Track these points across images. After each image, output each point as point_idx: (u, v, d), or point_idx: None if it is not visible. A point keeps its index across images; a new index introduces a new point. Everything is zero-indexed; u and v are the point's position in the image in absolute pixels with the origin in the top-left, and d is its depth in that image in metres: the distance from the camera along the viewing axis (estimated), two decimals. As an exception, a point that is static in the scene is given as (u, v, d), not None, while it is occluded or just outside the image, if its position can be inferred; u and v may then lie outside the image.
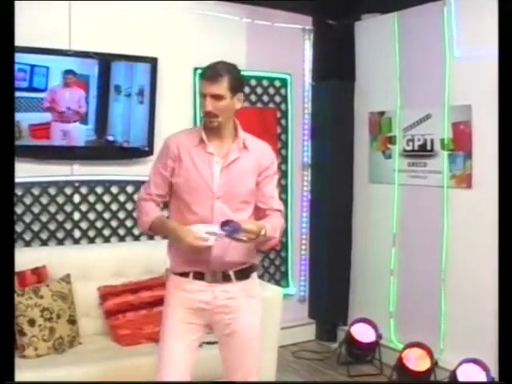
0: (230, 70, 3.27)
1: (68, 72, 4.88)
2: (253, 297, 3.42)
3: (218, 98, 3.18)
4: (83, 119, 5.02)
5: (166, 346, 3.34)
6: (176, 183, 3.35)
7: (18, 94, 4.66)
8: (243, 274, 3.37)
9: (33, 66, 4.73)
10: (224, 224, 3.07)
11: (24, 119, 4.77)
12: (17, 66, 4.63)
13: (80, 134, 5.04)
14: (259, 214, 3.40)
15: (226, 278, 3.32)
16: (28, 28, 4.71)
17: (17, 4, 4.56)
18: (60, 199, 5.09)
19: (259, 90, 6.05)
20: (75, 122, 4.98)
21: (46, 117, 4.88)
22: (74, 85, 4.93)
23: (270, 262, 6.22)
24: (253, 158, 3.36)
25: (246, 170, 3.33)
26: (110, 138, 5.14)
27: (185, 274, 3.34)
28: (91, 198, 5.24)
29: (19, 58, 4.62)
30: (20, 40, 4.60)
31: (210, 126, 3.27)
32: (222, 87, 3.19)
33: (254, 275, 3.48)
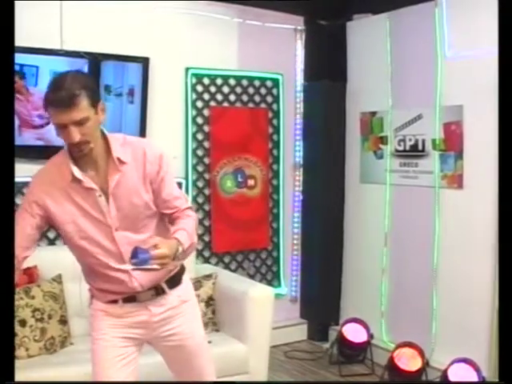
0: (82, 81, 2.72)
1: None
2: (188, 300, 3.22)
3: (82, 122, 2.66)
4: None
5: (100, 376, 3.03)
6: (64, 232, 2.93)
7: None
8: (175, 280, 3.15)
9: (22, 66, 4.72)
10: (132, 256, 2.67)
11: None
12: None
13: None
14: (168, 219, 3.08)
15: (159, 291, 3.08)
16: (18, 28, 4.69)
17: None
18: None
19: (251, 90, 6.05)
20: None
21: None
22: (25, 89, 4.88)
23: (261, 262, 6.23)
24: (135, 169, 2.92)
25: (133, 186, 2.91)
26: (101, 139, 5.14)
27: (113, 301, 3.04)
28: None
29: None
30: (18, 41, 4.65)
31: (81, 156, 2.79)
32: (83, 108, 2.67)
33: (186, 278, 3.26)
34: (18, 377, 3.75)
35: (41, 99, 2.79)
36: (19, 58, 4.67)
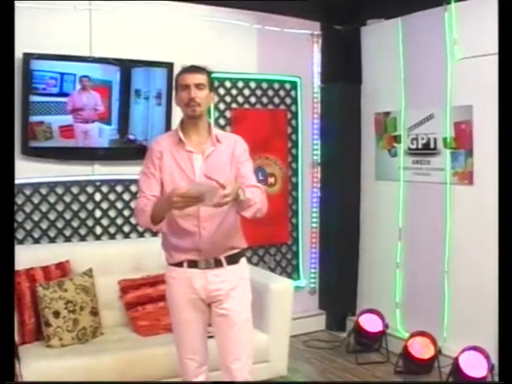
0: (208, 70, 3.54)
1: (83, 76, 5.09)
2: (244, 279, 3.59)
3: (200, 87, 3.39)
4: (104, 119, 5.24)
5: (181, 334, 3.57)
6: (163, 179, 3.48)
7: (49, 99, 4.98)
8: (233, 258, 3.55)
9: (62, 74, 4.98)
10: None
11: (55, 121, 5.02)
12: (48, 74, 4.92)
13: (105, 133, 5.26)
14: None
15: (217, 264, 3.49)
16: (49, 36, 4.97)
17: (38, 14, 4.84)
18: (82, 198, 5.26)
19: (270, 93, 6.15)
20: (93, 122, 5.20)
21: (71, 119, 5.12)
22: (89, 88, 5.14)
23: (281, 256, 6.32)
24: (226, 149, 3.52)
25: (223, 161, 3.49)
26: (131, 137, 5.35)
27: (179, 264, 3.51)
28: (111, 197, 5.40)
29: (50, 66, 4.94)
30: (44, 48, 4.87)
31: (192, 115, 3.43)
32: (204, 78, 3.43)
33: (243, 260, 3.65)
34: (53, 365, 4.02)
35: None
36: (57, 66, 4.97)
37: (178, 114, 5.45)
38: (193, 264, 3.49)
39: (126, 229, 5.49)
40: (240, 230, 3.66)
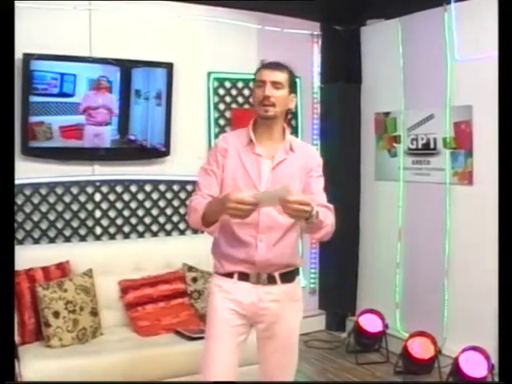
0: (290, 69, 3.22)
1: (102, 77, 5.14)
2: (296, 300, 3.30)
3: (277, 86, 3.11)
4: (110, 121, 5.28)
5: (212, 347, 3.18)
6: (224, 180, 3.20)
7: (49, 99, 4.98)
8: (288, 276, 3.23)
9: (62, 74, 4.99)
10: None
11: (55, 122, 5.03)
12: (48, 75, 4.93)
13: (106, 134, 5.28)
14: None
15: (270, 280, 3.17)
16: (50, 37, 4.99)
17: (38, 14, 4.85)
18: (82, 198, 5.27)
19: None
20: (107, 125, 5.24)
21: (76, 119, 5.13)
22: (105, 90, 5.18)
23: None
24: (299, 159, 3.22)
25: (293, 172, 3.18)
26: (132, 138, 5.35)
27: (229, 275, 3.20)
28: (111, 197, 5.40)
29: (50, 66, 4.94)
30: (44, 48, 4.89)
31: (264, 116, 3.14)
32: (283, 77, 3.13)
33: (298, 279, 3.34)
34: (52, 365, 4.00)
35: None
36: (57, 66, 4.98)
37: (178, 115, 5.55)
38: (244, 277, 3.18)
39: (126, 229, 5.49)
40: (298, 247, 3.38)
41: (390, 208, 5.97)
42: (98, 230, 5.37)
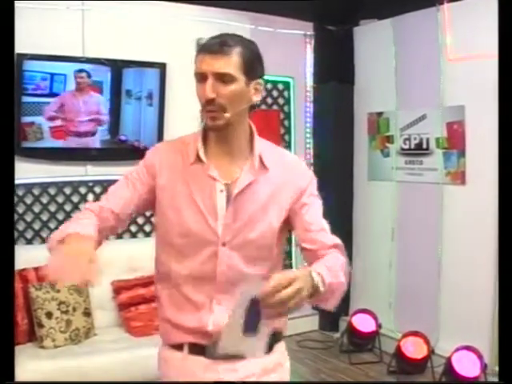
0: (245, 42, 2.18)
1: (79, 71, 5.06)
2: (275, 371, 2.38)
3: (224, 79, 2.10)
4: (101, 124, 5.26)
5: None
6: (161, 221, 2.28)
7: (40, 99, 4.96)
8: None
9: (53, 75, 4.98)
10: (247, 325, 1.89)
11: (45, 122, 5.01)
12: (39, 75, 4.91)
13: (96, 134, 5.27)
14: (307, 258, 2.31)
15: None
16: (41, 37, 4.96)
17: (30, 14, 4.84)
18: (75, 198, 5.26)
19: (263, 93, 6.13)
20: (93, 135, 5.23)
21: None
22: (88, 89, 5.15)
23: None
24: (275, 180, 2.24)
25: (266, 201, 2.22)
26: (123, 138, 5.35)
27: (176, 347, 2.30)
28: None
29: (40, 66, 4.92)
30: (36, 48, 4.88)
31: (210, 127, 2.18)
32: (232, 64, 2.10)
33: (280, 346, 2.41)
34: (45, 366, 4.01)
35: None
36: (47, 66, 4.96)
37: (170, 115, 5.54)
38: (197, 350, 2.25)
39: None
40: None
41: (383, 208, 5.99)
42: (91, 231, 5.31)
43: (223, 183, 2.21)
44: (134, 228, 5.51)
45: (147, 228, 5.58)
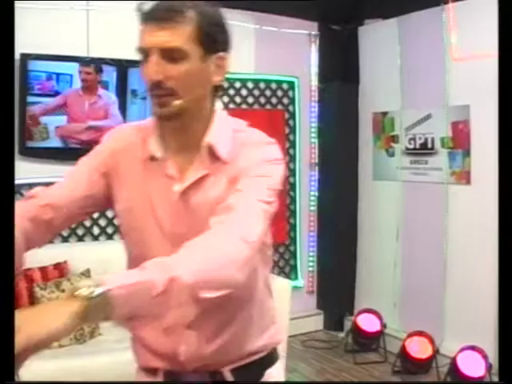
0: (199, 4, 1.74)
1: (86, 65, 5.06)
2: None
3: (174, 55, 1.68)
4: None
5: None
6: (121, 225, 1.94)
7: (45, 99, 4.95)
8: (251, 371, 1.90)
9: (58, 74, 4.97)
10: None
11: (51, 122, 5.01)
12: (44, 75, 4.91)
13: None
14: None
15: (217, 381, 1.89)
16: (46, 36, 4.95)
17: (35, 14, 4.84)
18: (80, 198, 5.26)
19: (268, 93, 6.16)
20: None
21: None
22: (96, 87, 5.14)
23: (279, 256, 6.30)
24: (228, 175, 1.78)
25: (212, 201, 1.75)
26: (128, 137, 5.33)
27: (151, 371, 1.98)
28: None
29: (46, 66, 4.92)
30: (41, 48, 4.88)
31: (159, 115, 1.76)
32: (182, 34, 1.67)
33: (275, 370, 1.98)
34: (50, 365, 3.96)
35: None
36: (52, 66, 4.96)
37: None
38: (172, 377, 1.91)
39: (124, 229, 5.43)
40: (274, 311, 2.04)
41: (388, 207, 5.98)
42: (96, 230, 5.35)
43: (180, 181, 1.81)
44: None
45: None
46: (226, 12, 1.93)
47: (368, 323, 5.79)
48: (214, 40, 1.75)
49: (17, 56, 4.74)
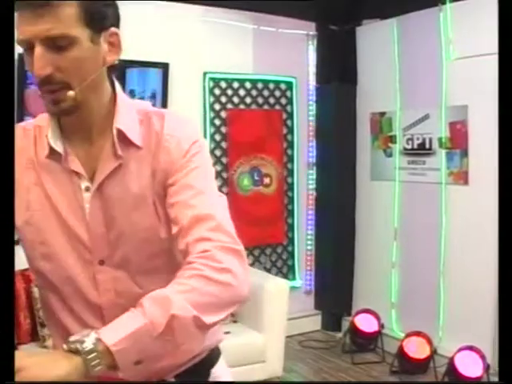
0: None
1: None
2: None
3: (58, 43, 1.50)
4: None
5: None
6: (21, 238, 1.71)
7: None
8: (195, 373, 1.78)
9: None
10: None
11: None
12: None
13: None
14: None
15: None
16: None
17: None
18: (78, 198, 5.23)
19: (266, 93, 6.14)
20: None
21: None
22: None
23: (277, 257, 6.30)
24: (150, 158, 1.65)
25: (137, 190, 1.64)
26: (126, 137, 5.32)
27: None
28: None
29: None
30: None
31: (54, 112, 1.60)
32: (65, 18, 1.48)
33: (219, 367, 1.88)
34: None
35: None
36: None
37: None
38: None
39: (122, 229, 5.42)
40: None
41: (386, 208, 5.97)
42: (94, 231, 5.31)
43: (89, 179, 1.64)
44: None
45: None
46: (224, 12, 1.91)
47: (366, 323, 5.79)
48: (102, 17, 1.59)
49: (15, 56, 4.73)
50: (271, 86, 6.20)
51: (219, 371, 1.84)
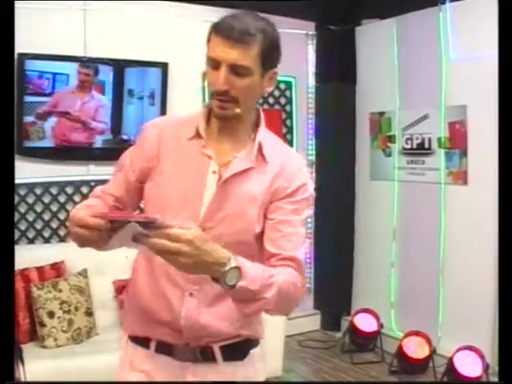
0: (267, 30, 2.03)
1: (86, 66, 5.08)
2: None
3: (240, 71, 1.95)
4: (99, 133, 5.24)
5: None
6: (147, 195, 2.15)
7: (42, 99, 4.95)
8: (235, 351, 2.13)
9: (55, 74, 4.97)
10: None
11: (47, 122, 5.00)
12: (42, 74, 4.91)
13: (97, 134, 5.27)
14: (264, 262, 2.00)
15: (206, 356, 2.09)
16: (43, 36, 4.95)
17: (32, 14, 4.84)
18: (77, 198, 5.23)
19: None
20: (90, 145, 5.23)
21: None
22: (91, 88, 5.15)
23: None
24: (270, 175, 2.07)
25: (257, 195, 2.05)
26: (125, 137, 5.33)
27: (143, 342, 2.14)
28: None
29: (42, 66, 4.92)
30: (38, 48, 4.88)
31: (218, 115, 2.05)
32: (250, 55, 1.95)
33: (254, 354, 2.21)
34: (47, 365, 4.00)
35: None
36: (49, 66, 4.96)
37: (173, 114, 5.52)
38: (165, 349, 2.09)
39: (121, 229, 5.42)
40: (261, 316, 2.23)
41: (385, 208, 5.98)
42: (93, 231, 5.31)
43: (217, 163, 2.06)
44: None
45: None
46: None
47: (365, 323, 5.80)
48: (272, 59, 2.05)
49: (14, 55, 4.75)
50: (271, 85, 6.15)
51: (257, 352, 2.21)
